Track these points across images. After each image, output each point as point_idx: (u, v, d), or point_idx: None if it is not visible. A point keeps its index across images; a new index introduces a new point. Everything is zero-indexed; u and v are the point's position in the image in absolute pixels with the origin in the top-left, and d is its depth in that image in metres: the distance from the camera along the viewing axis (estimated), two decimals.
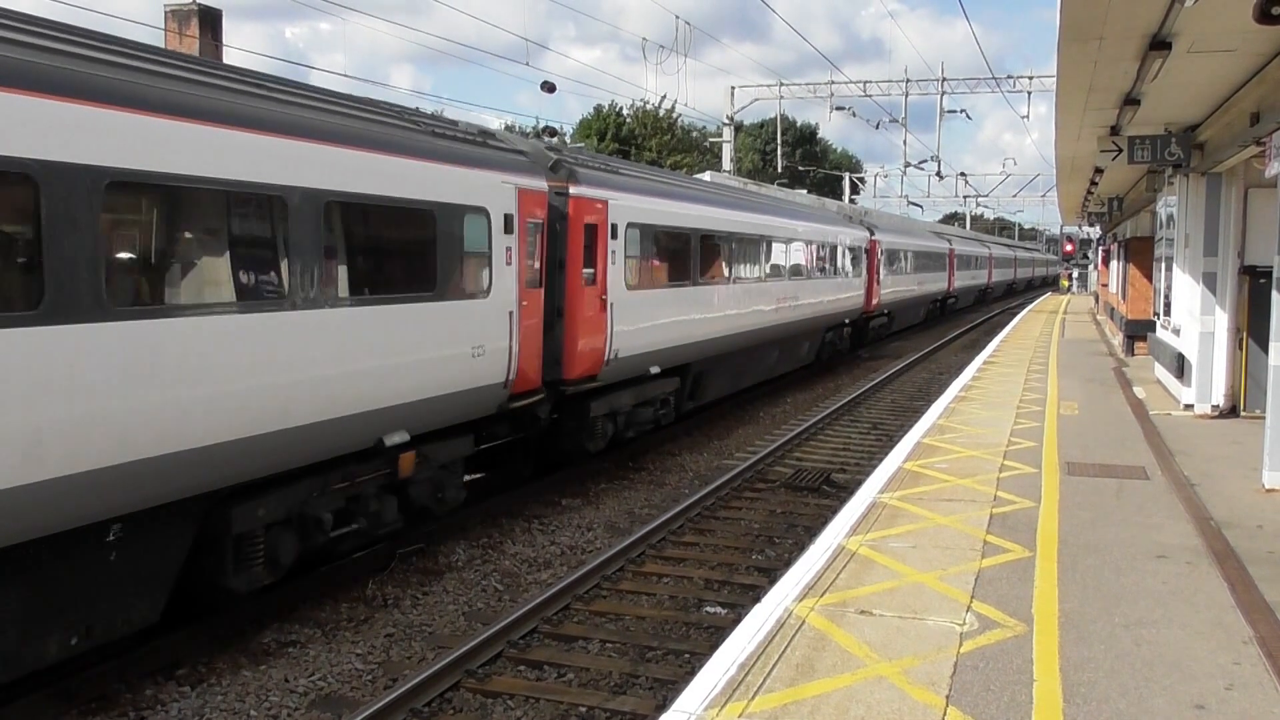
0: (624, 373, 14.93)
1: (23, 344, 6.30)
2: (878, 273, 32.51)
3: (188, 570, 8.12)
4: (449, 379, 10.67)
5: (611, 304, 14.32)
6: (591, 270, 13.91)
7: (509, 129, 39.35)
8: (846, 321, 29.84)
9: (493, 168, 11.69)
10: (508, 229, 11.75)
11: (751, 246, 20.93)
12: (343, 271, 9.32)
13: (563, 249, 13.37)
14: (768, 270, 21.81)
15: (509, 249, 11.78)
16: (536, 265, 12.64)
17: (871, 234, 32.30)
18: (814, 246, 25.53)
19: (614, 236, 14.43)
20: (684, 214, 17.29)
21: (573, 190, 13.56)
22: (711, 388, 19.28)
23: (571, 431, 14.33)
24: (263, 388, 8.15)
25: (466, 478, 12.14)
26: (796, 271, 24.05)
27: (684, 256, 17.38)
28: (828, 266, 26.88)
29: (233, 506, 8.29)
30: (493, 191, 11.54)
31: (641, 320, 15.33)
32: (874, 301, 32.35)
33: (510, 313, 11.78)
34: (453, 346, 10.79)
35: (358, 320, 9.32)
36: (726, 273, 19.36)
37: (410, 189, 10.09)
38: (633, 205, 15.15)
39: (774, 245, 22.22)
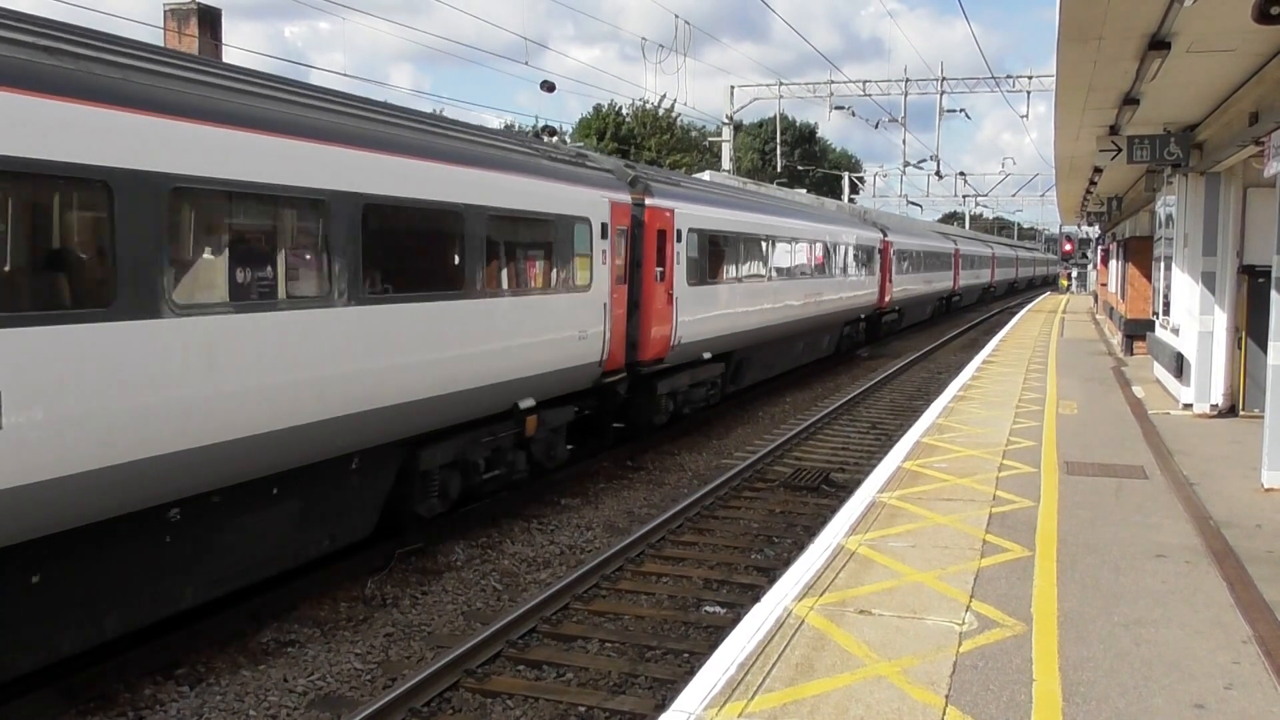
0: (685, 357, 17.52)
1: (329, 319, 9.09)
2: (890, 271, 34.43)
3: (389, 498, 10.62)
4: (562, 357, 13.24)
5: (677, 298, 16.75)
6: (662, 269, 16.34)
7: (508, 128, 39.35)
8: (862, 317, 31.98)
9: (593, 185, 14.46)
10: (603, 235, 14.40)
11: (783, 247, 23.34)
12: (499, 270, 12.02)
13: (639, 251, 15.88)
14: (796, 269, 24.41)
15: (604, 251, 14.39)
16: (621, 265, 15.21)
17: (884, 235, 34.13)
18: (835, 247, 27.52)
19: (679, 240, 16.87)
20: (732, 219, 20.16)
21: (648, 201, 16.11)
22: (749, 373, 21.98)
23: (642, 406, 16.79)
24: (449, 359, 10.75)
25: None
26: (820, 270, 26.18)
27: (732, 257, 20.29)
28: (847, 265, 28.85)
29: (420, 450, 10.78)
30: (593, 204, 14.22)
31: (699, 312, 17.87)
32: (886, 299, 34.27)
33: (604, 304, 14.42)
34: (566, 330, 13.42)
35: (509, 308, 12.03)
36: (763, 271, 21.95)
37: (541, 204, 12.84)
38: (694, 213, 17.79)
39: (801, 246, 24.65)
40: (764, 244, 21.79)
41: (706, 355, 18.37)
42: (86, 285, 7.16)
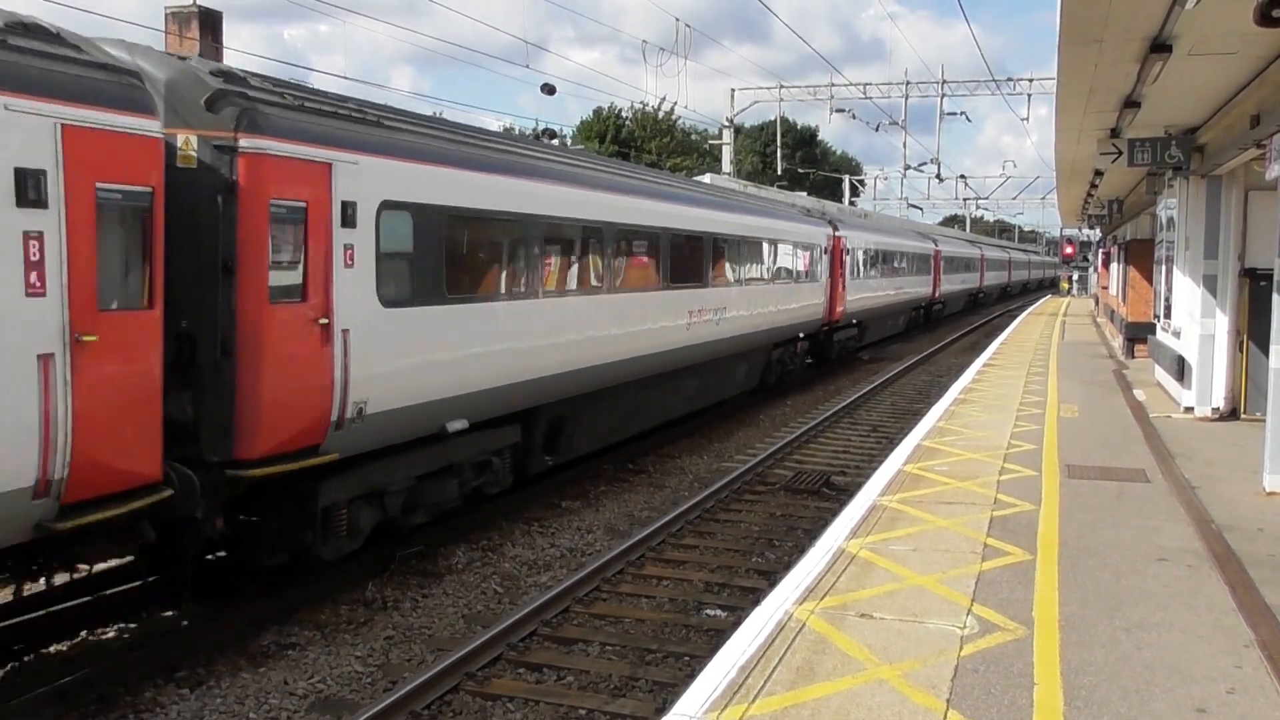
0: (845, 320, 29.43)
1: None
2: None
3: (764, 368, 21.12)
4: (803, 316, 24.76)
5: (845, 288, 28.78)
6: (838, 272, 27.94)
7: (508, 130, 39.38)
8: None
9: (819, 224, 27.17)
10: (825, 252, 26.61)
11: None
12: (795, 268, 24.24)
13: (833, 261, 27.62)
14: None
15: (824, 261, 26.62)
16: (826, 268, 26.65)
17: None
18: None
19: (848, 252, 29.21)
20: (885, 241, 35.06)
21: (837, 231, 28.30)
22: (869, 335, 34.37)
23: (828, 345, 28.82)
24: (775, 312, 22.27)
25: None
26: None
27: (883, 263, 32.17)
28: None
29: (774, 349, 23.46)
30: (819, 235, 26.49)
31: (853, 294, 30.23)
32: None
33: (823, 287, 26.61)
34: (807, 300, 25.07)
35: (793, 288, 23.79)
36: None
37: (804, 237, 25.03)
38: (854, 235, 30.76)
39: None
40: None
41: (854, 322, 30.66)
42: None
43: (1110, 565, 8.18)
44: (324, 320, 9.06)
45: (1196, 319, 16.05)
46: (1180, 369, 16.94)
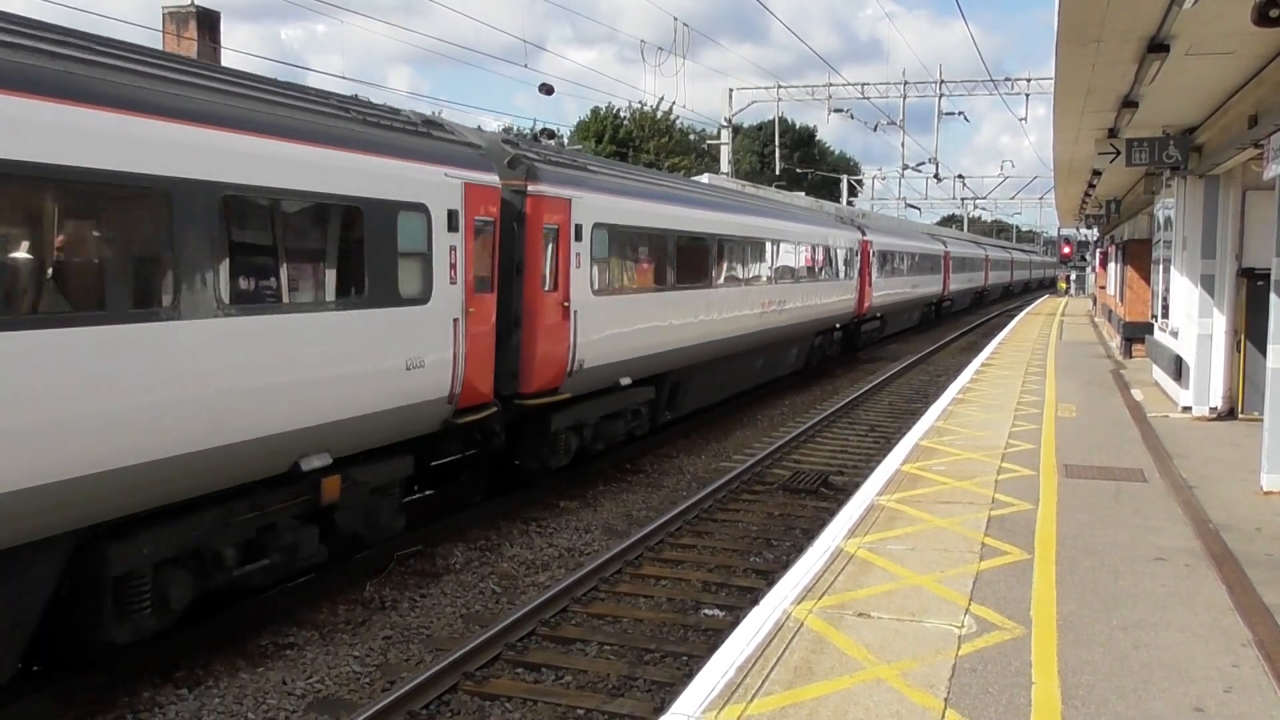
0: (876, 311, 33.57)
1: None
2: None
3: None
4: (839, 310, 28.29)
5: (871, 286, 31.96)
6: (865, 272, 31.42)
7: (506, 130, 39.31)
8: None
9: (851, 229, 30.73)
10: (855, 254, 30.28)
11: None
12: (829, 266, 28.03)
13: (861, 262, 31.15)
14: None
15: (855, 262, 30.36)
16: (856, 268, 30.67)
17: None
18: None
19: (873, 254, 32.37)
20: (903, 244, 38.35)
21: (865, 235, 32.11)
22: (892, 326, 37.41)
23: (854, 337, 32.09)
24: (820, 304, 26.90)
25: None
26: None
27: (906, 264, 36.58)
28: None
29: (816, 337, 27.45)
30: (852, 240, 30.21)
31: (880, 289, 33.53)
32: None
33: (854, 284, 30.06)
34: (841, 296, 28.46)
35: (823, 286, 26.62)
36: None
37: (833, 240, 27.99)
38: (878, 239, 33.84)
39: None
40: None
41: (878, 315, 34.44)
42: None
43: (1108, 565, 8.19)
44: (566, 303, 13.24)
45: (1194, 319, 16.06)
46: (1178, 369, 16.96)
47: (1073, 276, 73.45)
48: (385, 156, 9.95)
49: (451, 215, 10.97)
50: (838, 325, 29.41)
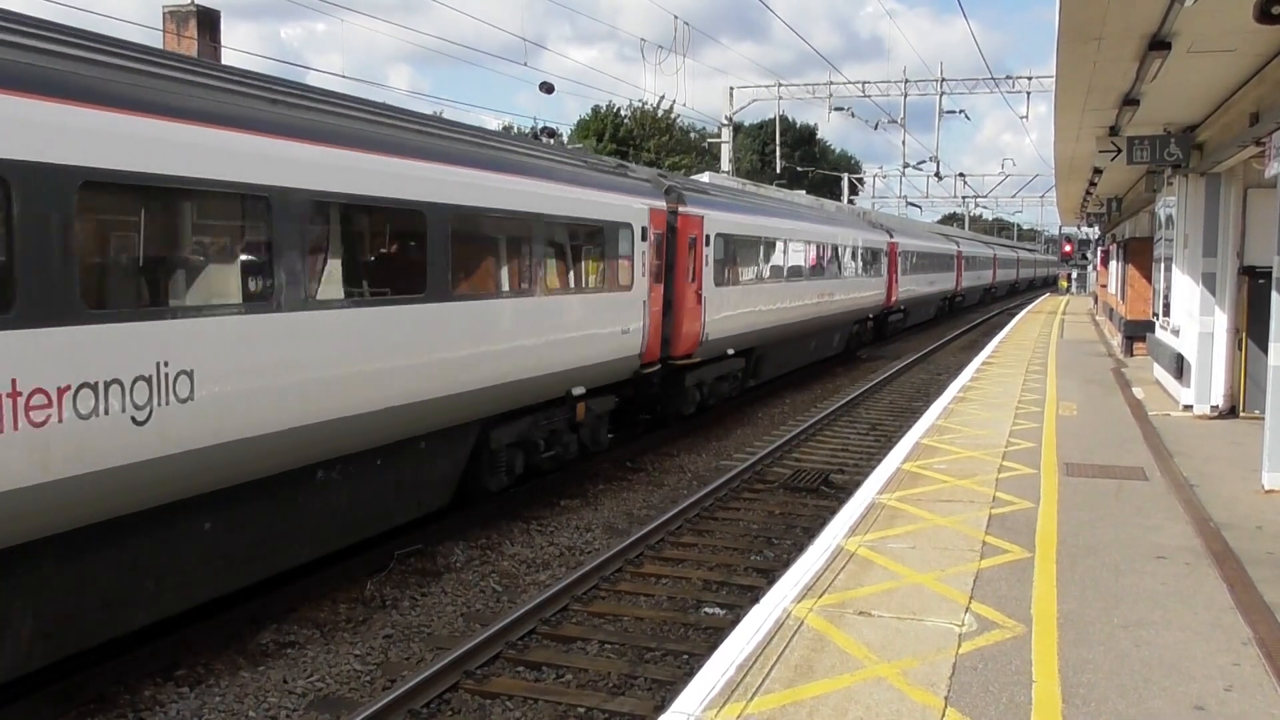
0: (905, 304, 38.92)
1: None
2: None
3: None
4: (872, 302, 32.84)
5: (897, 282, 35.84)
6: (892, 270, 35.38)
7: (506, 129, 39.28)
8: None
9: (880, 232, 34.70)
10: (884, 254, 33.96)
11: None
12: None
13: (889, 261, 35.03)
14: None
15: (884, 261, 33.80)
16: (885, 266, 34.24)
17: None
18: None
19: (899, 254, 36.49)
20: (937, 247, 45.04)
21: (892, 237, 35.76)
22: (913, 317, 40.37)
23: (882, 326, 35.98)
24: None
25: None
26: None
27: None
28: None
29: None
30: (882, 241, 33.86)
31: (905, 286, 38.27)
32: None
33: (884, 281, 34.12)
34: (874, 290, 32.80)
35: (859, 283, 30.89)
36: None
37: (869, 242, 32.45)
38: (902, 240, 38.01)
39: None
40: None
41: (902, 308, 38.46)
42: None
43: (1109, 563, 8.18)
44: (700, 292, 17.72)
45: (1195, 317, 16.05)
46: (1179, 367, 16.95)
47: (1074, 275, 73.43)
48: (613, 193, 14.99)
49: (643, 230, 15.70)
50: (870, 315, 33.93)
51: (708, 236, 18.06)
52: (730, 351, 19.62)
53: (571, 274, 13.91)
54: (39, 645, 6.94)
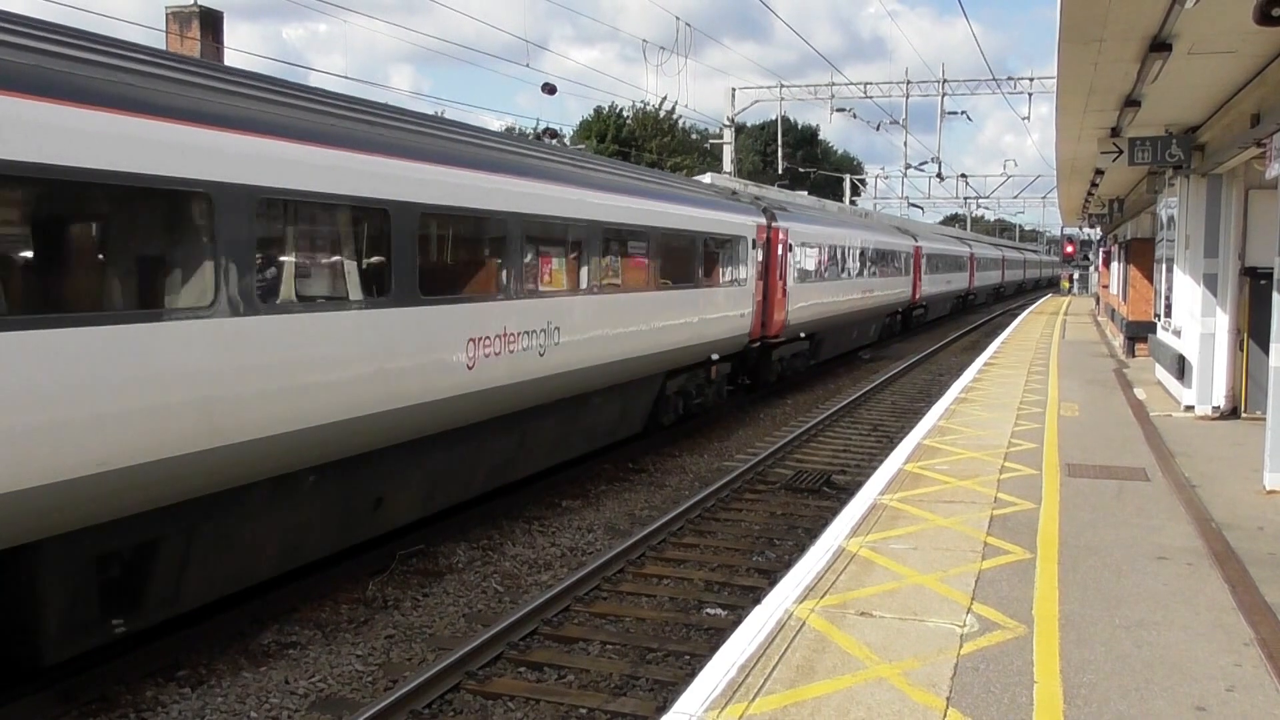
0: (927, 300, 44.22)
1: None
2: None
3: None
4: (899, 298, 37.88)
5: (921, 281, 40.94)
6: (917, 271, 40.53)
7: (509, 130, 39.25)
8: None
9: (907, 238, 39.85)
10: (910, 257, 38.54)
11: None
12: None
13: (915, 262, 40.42)
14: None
15: (910, 262, 38.83)
16: (910, 267, 39.53)
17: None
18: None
19: (923, 257, 41.22)
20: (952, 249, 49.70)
21: (917, 241, 40.87)
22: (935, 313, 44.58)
23: (907, 320, 41.27)
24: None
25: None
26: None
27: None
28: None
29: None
30: (909, 246, 39.22)
31: (927, 285, 42.97)
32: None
33: (910, 280, 38.92)
34: (902, 288, 38.26)
35: (891, 281, 36.27)
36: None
37: (898, 247, 38.05)
38: (925, 244, 42.47)
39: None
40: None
41: (923, 303, 43.47)
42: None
43: (1110, 564, 8.19)
44: (785, 286, 22.49)
45: (1197, 318, 16.05)
46: (1181, 368, 16.94)
47: (1076, 275, 73.38)
48: (737, 214, 20.09)
49: (753, 241, 20.46)
50: (899, 310, 38.88)
51: (790, 244, 23.13)
52: (801, 335, 24.54)
53: (716, 273, 18.96)
54: (477, 480, 12.09)
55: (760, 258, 20.97)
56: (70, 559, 6.98)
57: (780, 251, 22.32)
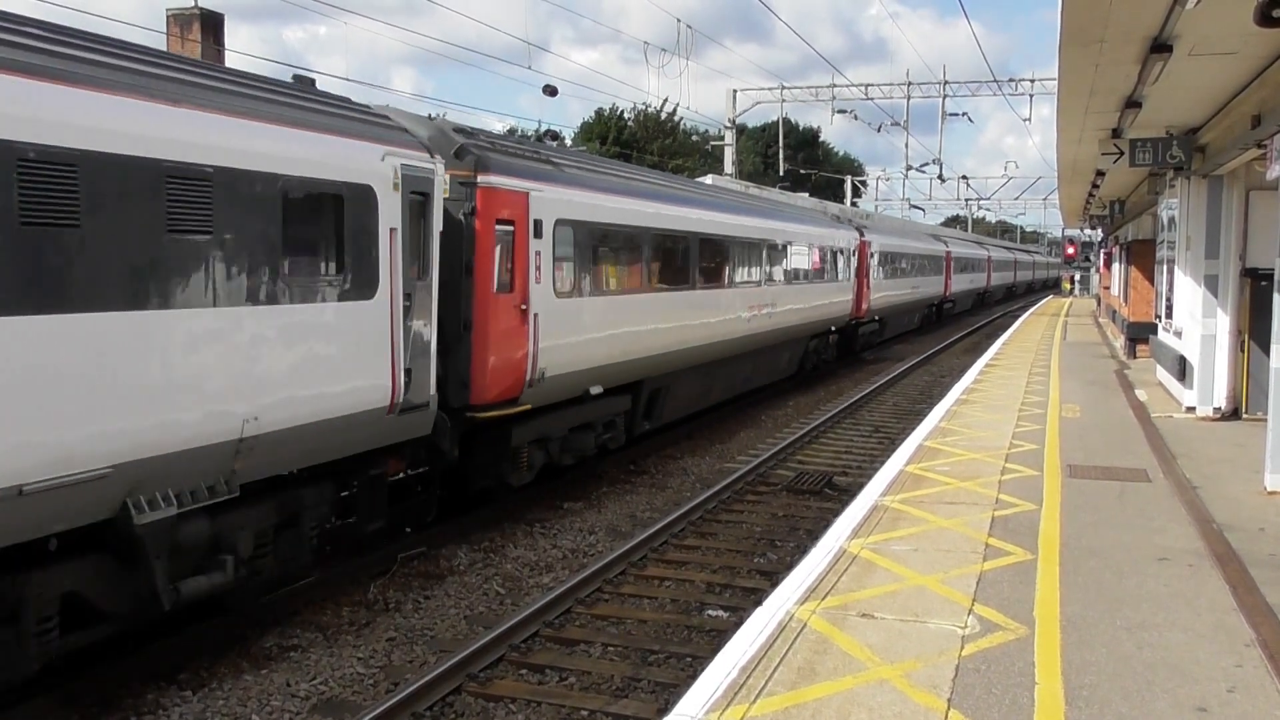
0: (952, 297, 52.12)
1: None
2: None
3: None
4: (933, 294, 46.13)
5: (951, 281, 50.13)
6: (948, 271, 49.42)
7: (510, 132, 39.36)
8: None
9: (940, 244, 48.99)
10: (943, 259, 48.08)
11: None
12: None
13: (946, 264, 49.34)
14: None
15: (942, 264, 47.80)
16: (942, 268, 47.89)
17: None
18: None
19: (951, 260, 49.85)
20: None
21: (948, 247, 50.02)
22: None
23: (939, 312, 49.54)
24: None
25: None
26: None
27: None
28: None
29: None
30: (942, 250, 48.15)
31: (955, 284, 51.62)
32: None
33: (942, 279, 47.74)
34: (936, 286, 46.58)
35: (929, 280, 44.52)
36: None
37: (933, 251, 46.78)
38: (954, 248, 51.49)
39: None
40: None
41: (951, 300, 50.79)
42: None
43: (1111, 565, 8.19)
44: (868, 281, 31.70)
45: (1198, 319, 16.04)
46: (1182, 369, 16.94)
47: (1077, 277, 73.38)
48: (844, 230, 28.14)
49: (854, 249, 28.00)
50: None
51: (872, 253, 31.58)
52: (876, 318, 32.84)
53: (836, 272, 27.24)
54: (737, 386, 21.56)
55: (856, 263, 29.76)
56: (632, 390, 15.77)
57: (865, 257, 30.88)
